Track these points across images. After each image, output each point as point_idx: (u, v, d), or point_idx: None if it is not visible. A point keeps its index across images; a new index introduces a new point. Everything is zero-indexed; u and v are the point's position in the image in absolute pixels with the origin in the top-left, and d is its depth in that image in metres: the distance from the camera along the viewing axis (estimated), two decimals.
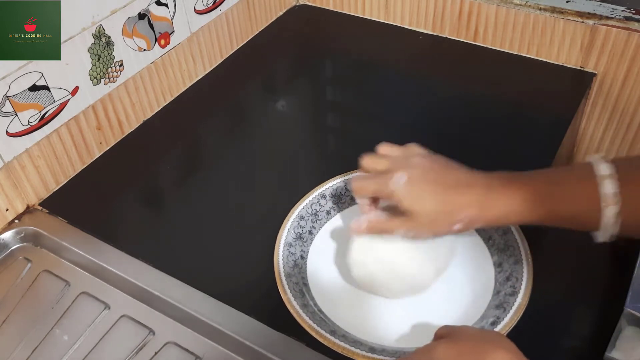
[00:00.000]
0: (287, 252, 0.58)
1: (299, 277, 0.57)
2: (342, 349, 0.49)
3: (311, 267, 0.59)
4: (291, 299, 0.53)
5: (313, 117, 0.84)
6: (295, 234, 0.60)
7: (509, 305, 0.52)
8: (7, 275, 0.62)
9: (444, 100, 0.82)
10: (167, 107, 0.82)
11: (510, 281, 0.54)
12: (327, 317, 0.54)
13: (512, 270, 0.55)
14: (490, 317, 0.52)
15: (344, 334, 0.52)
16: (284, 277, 0.55)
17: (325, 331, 0.50)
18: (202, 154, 0.78)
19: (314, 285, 0.57)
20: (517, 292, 0.53)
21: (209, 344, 0.55)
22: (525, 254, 0.55)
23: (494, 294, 0.55)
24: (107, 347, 0.55)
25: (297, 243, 0.60)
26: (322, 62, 0.95)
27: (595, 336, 0.53)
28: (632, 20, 0.77)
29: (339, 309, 0.55)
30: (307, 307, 0.53)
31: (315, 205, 0.63)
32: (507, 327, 0.50)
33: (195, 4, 0.81)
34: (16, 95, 0.62)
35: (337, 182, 0.64)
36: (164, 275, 0.59)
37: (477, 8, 0.86)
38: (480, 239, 0.60)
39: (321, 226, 0.63)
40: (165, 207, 0.71)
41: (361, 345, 0.50)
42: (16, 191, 0.65)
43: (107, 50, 0.70)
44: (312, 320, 0.51)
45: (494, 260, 0.58)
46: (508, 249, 0.57)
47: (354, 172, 0.64)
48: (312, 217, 0.62)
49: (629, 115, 0.85)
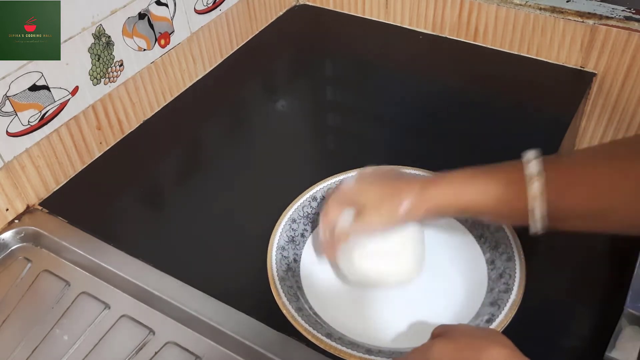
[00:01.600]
0: (280, 255, 0.58)
1: (292, 281, 0.57)
2: (339, 351, 0.49)
3: (305, 270, 0.59)
4: (286, 302, 0.53)
5: (313, 117, 0.84)
6: (287, 237, 0.60)
7: (503, 303, 0.52)
8: (7, 275, 0.62)
9: (443, 100, 0.82)
10: (167, 107, 0.82)
11: (503, 278, 0.55)
12: (323, 319, 0.54)
13: (504, 267, 0.55)
14: (485, 315, 0.52)
15: (340, 337, 0.52)
16: (277, 281, 0.55)
17: (322, 334, 0.50)
18: (201, 154, 0.78)
19: (308, 288, 0.57)
20: (510, 289, 0.53)
21: (209, 344, 0.55)
22: (517, 251, 0.56)
23: (487, 291, 0.55)
24: (107, 347, 0.55)
25: (290, 246, 0.59)
26: (322, 62, 0.95)
27: (595, 336, 0.53)
28: (632, 20, 0.77)
29: (334, 311, 0.55)
30: (302, 310, 0.53)
31: (307, 207, 0.63)
32: (502, 324, 0.50)
33: (195, 4, 0.81)
34: (16, 95, 0.62)
35: (328, 184, 0.64)
36: (164, 275, 0.59)
37: (477, 8, 0.86)
38: (472, 237, 0.60)
39: (313, 228, 0.62)
40: (165, 207, 0.71)
41: (357, 347, 0.50)
42: (16, 191, 0.65)
43: (107, 50, 0.70)
44: (307, 323, 0.51)
45: (487, 258, 0.58)
46: (500, 246, 0.57)
47: (346, 173, 0.64)
48: (304, 219, 0.62)
49: (629, 115, 0.85)
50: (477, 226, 0.60)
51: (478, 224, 0.60)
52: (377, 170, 0.58)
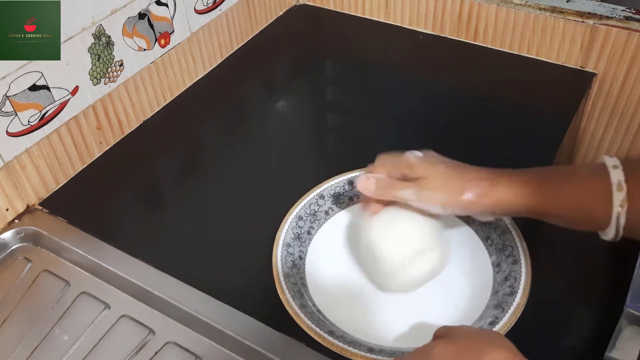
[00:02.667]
0: (286, 252, 0.58)
1: (297, 278, 0.57)
2: (340, 349, 0.49)
3: (310, 267, 0.59)
4: (289, 299, 0.53)
5: (313, 117, 0.84)
6: (293, 234, 0.60)
7: (507, 305, 0.52)
8: (7, 275, 0.62)
9: (443, 100, 0.82)
10: (167, 107, 0.82)
11: (508, 281, 0.54)
12: (326, 317, 0.54)
13: (510, 270, 0.55)
14: (489, 317, 0.52)
15: (342, 334, 0.52)
16: (282, 277, 0.55)
17: (324, 331, 0.50)
18: (202, 154, 0.78)
19: (312, 286, 0.57)
20: (515, 292, 0.53)
21: (209, 344, 0.55)
22: (523, 254, 0.55)
23: (492, 294, 0.55)
24: (107, 347, 0.55)
25: (296, 243, 0.60)
26: (322, 62, 0.95)
27: (595, 336, 0.53)
28: (632, 20, 0.77)
29: (337, 309, 0.55)
30: (305, 307, 0.53)
31: (314, 205, 0.63)
32: (505, 326, 0.50)
33: (195, 4, 0.81)
34: (16, 95, 0.62)
35: (336, 182, 0.64)
36: (164, 275, 0.59)
37: (477, 8, 0.86)
38: (478, 239, 0.60)
39: (319, 226, 0.62)
40: (165, 207, 0.71)
41: (359, 345, 0.50)
42: (16, 191, 0.65)
43: (107, 50, 0.70)
44: (310, 320, 0.51)
45: (493, 260, 0.58)
46: (506, 248, 0.57)
47: (353, 172, 0.64)
48: (310, 217, 0.62)
49: (629, 115, 0.85)
50: (484, 228, 0.60)
51: (485, 226, 0.60)
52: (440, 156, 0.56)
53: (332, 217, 0.64)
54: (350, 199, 0.64)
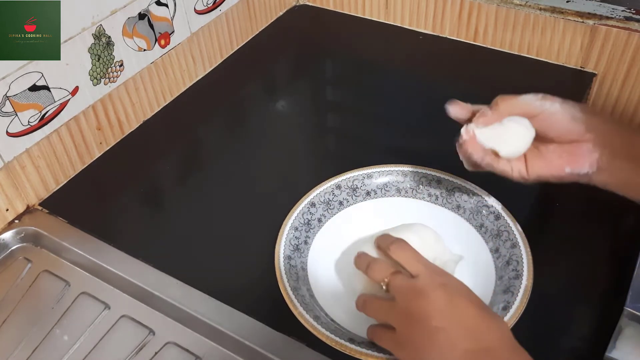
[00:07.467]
0: (287, 262, 0.57)
1: (300, 283, 0.56)
2: (341, 345, 0.49)
3: (311, 268, 0.59)
4: (292, 296, 0.53)
5: (313, 117, 0.84)
6: (294, 237, 0.60)
7: (516, 289, 0.52)
8: (7, 275, 0.62)
9: (443, 100, 0.82)
10: (167, 107, 0.82)
11: (511, 265, 0.54)
12: (327, 313, 0.54)
13: (510, 254, 0.55)
14: (501, 303, 0.52)
15: (336, 327, 0.51)
16: (284, 277, 0.55)
17: (324, 328, 0.50)
18: (202, 154, 0.78)
19: (313, 281, 0.57)
20: (520, 274, 0.53)
21: (209, 344, 0.55)
22: (520, 237, 0.56)
23: (497, 279, 0.55)
24: (107, 347, 0.55)
25: (295, 255, 0.59)
26: (322, 62, 0.95)
27: (595, 336, 0.53)
28: (632, 20, 0.77)
29: (338, 306, 0.55)
30: (307, 305, 0.53)
31: (329, 194, 0.62)
32: (518, 311, 0.50)
33: (195, 4, 0.81)
34: (16, 95, 0.62)
35: (354, 175, 0.64)
36: (164, 275, 0.59)
37: (477, 8, 0.86)
38: (471, 227, 0.60)
39: (320, 228, 0.62)
40: (165, 207, 0.71)
41: (360, 343, 0.50)
42: (16, 191, 0.65)
43: (107, 50, 0.70)
44: (312, 318, 0.51)
45: (490, 247, 0.58)
46: (502, 234, 0.57)
47: (354, 172, 0.64)
48: (315, 214, 0.62)
49: (629, 115, 0.85)
50: (475, 216, 0.60)
51: (477, 214, 0.60)
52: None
53: (346, 208, 0.63)
54: (368, 193, 0.64)
